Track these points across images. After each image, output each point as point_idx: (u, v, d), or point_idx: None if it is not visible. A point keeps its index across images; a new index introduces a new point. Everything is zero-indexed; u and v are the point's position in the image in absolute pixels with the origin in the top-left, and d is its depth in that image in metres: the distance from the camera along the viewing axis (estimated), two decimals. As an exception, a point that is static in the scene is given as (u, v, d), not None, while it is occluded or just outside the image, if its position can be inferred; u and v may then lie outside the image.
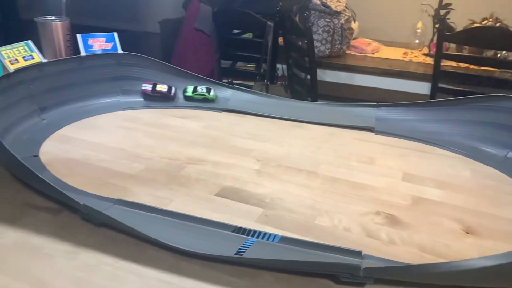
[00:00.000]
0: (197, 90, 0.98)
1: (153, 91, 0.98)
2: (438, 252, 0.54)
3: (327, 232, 0.57)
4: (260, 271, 0.50)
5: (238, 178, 0.70)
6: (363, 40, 2.25)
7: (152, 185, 0.67)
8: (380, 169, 0.75)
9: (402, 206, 0.64)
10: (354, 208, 0.63)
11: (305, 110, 0.97)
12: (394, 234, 0.57)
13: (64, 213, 0.60)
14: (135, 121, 0.91)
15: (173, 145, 0.81)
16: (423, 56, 2.10)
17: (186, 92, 0.99)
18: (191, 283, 0.48)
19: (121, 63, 1.01)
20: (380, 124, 0.90)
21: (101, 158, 0.75)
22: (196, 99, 0.99)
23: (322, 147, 0.83)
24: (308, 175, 0.72)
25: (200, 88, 0.98)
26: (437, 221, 0.60)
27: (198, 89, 0.98)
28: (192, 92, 0.98)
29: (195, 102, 0.99)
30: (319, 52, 1.99)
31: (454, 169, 0.75)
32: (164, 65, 1.02)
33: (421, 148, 0.83)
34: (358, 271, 0.45)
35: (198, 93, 0.97)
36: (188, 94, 0.99)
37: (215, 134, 0.87)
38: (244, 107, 0.98)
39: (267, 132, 0.89)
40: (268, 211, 0.62)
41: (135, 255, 0.52)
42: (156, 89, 0.97)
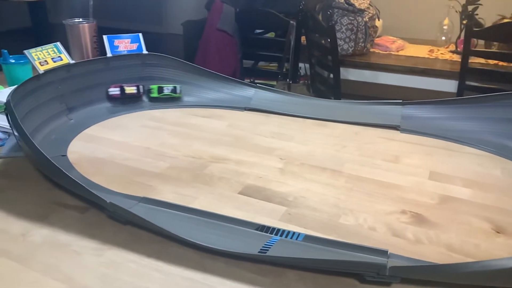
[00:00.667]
0: (163, 91, 0.95)
1: (122, 94, 0.94)
2: (467, 252, 0.52)
3: (352, 231, 0.57)
4: (284, 269, 0.50)
5: (261, 177, 0.70)
6: (387, 38, 2.22)
7: (177, 183, 0.68)
8: (406, 168, 0.73)
9: (429, 205, 0.62)
10: (379, 207, 0.62)
11: (329, 109, 0.96)
12: (421, 233, 0.56)
13: (91, 211, 0.62)
14: (159, 120, 0.93)
15: (197, 144, 0.82)
16: (450, 53, 2.04)
17: (151, 93, 0.96)
18: (216, 280, 0.49)
19: (146, 64, 1.03)
20: (406, 122, 0.88)
21: (126, 157, 0.77)
22: (163, 99, 0.97)
23: (347, 145, 0.82)
24: (332, 174, 0.72)
25: (166, 89, 0.95)
26: (466, 220, 0.58)
27: (164, 90, 0.95)
28: (158, 93, 0.95)
29: (162, 102, 0.98)
30: (342, 51, 1.97)
31: (483, 167, 0.73)
32: (189, 65, 1.03)
33: (448, 147, 0.80)
34: (385, 270, 0.44)
35: (164, 94, 0.94)
36: (154, 95, 0.96)
37: (238, 133, 0.87)
38: (267, 106, 0.98)
39: (290, 130, 0.89)
40: (291, 210, 0.61)
41: (160, 253, 0.53)
42: (125, 92, 0.94)
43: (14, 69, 1.08)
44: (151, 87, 0.97)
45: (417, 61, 1.93)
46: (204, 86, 1.02)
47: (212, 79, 1.02)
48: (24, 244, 0.54)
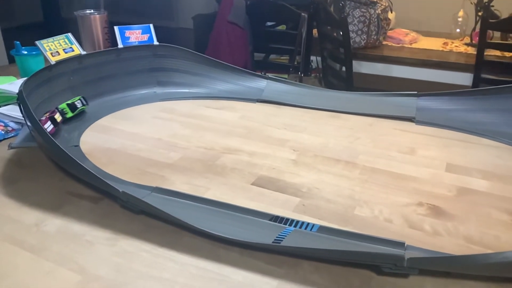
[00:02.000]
0: (76, 107, 0.84)
1: (55, 124, 0.79)
2: (487, 243, 0.51)
3: (367, 222, 0.55)
4: (299, 260, 0.49)
5: (274, 168, 0.70)
6: (400, 30, 2.18)
7: (189, 174, 0.68)
8: (422, 160, 0.72)
9: (446, 197, 0.61)
10: (395, 199, 0.60)
11: (342, 100, 0.95)
12: (439, 225, 0.54)
13: (104, 201, 0.61)
14: (171, 111, 0.92)
15: (209, 135, 0.82)
16: (465, 46, 2.00)
17: (66, 114, 0.83)
18: (230, 270, 0.48)
19: (157, 55, 1.02)
20: (421, 114, 0.86)
21: (138, 147, 0.76)
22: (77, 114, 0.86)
23: (361, 137, 0.81)
24: (346, 166, 0.71)
25: (77, 103, 0.85)
26: (485, 212, 0.57)
27: (76, 105, 0.85)
28: (72, 111, 0.84)
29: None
30: (354, 43, 1.94)
31: (502, 159, 0.71)
32: (200, 56, 1.02)
33: (465, 138, 0.79)
34: (403, 262, 0.43)
35: (78, 109, 0.84)
36: (69, 115, 0.84)
37: (250, 124, 0.86)
38: (279, 97, 0.97)
39: (303, 122, 0.88)
40: (305, 201, 0.61)
41: (173, 242, 0.53)
42: (57, 121, 0.80)
43: (26, 60, 1.08)
44: (62, 108, 0.83)
45: (431, 54, 1.89)
46: (215, 77, 1.01)
47: (224, 70, 1.01)
48: (38, 234, 0.54)
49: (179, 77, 1.03)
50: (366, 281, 0.46)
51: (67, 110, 0.84)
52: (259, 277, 0.47)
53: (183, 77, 1.03)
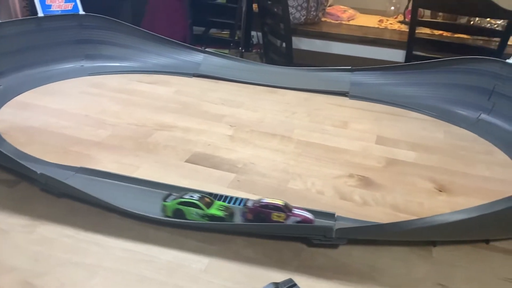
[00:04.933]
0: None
1: None
2: (412, 210, 0.53)
3: (300, 195, 0.56)
4: (231, 236, 0.49)
5: (209, 144, 0.68)
6: (338, 7, 2.21)
7: (118, 152, 0.64)
8: (354, 133, 0.73)
9: (375, 168, 0.63)
10: (327, 172, 0.61)
11: (279, 75, 0.94)
12: (368, 195, 0.56)
13: (21, 185, 0.56)
14: (100, 86, 0.86)
15: (140, 111, 0.78)
16: (398, 24, 2.08)
17: None
18: (159, 250, 0.46)
19: (84, 26, 0.95)
20: (354, 88, 0.88)
21: (63, 125, 0.71)
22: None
23: (297, 112, 0.81)
24: (282, 140, 0.70)
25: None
26: (411, 181, 0.60)
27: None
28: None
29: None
30: (294, 19, 1.94)
31: (427, 131, 0.74)
32: (132, 28, 0.97)
33: (395, 112, 0.82)
34: (331, 233, 0.44)
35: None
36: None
37: (185, 99, 0.83)
38: (216, 72, 0.94)
39: (240, 97, 0.86)
40: (240, 176, 0.60)
41: (98, 225, 0.49)
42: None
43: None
44: None
45: (367, 31, 1.94)
46: (149, 50, 0.96)
47: (158, 43, 0.96)
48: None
49: (109, 50, 0.97)
50: (297, 253, 0.46)
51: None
52: (190, 255, 0.46)
53: (114, 50, 0.97)
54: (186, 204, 0.49)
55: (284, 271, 0.44)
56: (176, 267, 0.44)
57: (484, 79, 0.79)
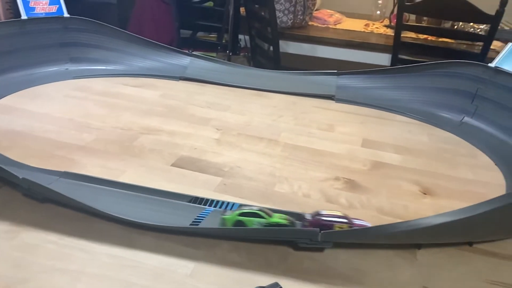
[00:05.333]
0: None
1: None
2: (397, 213, 0.54)
3: (287, 198, 0.56)
4: (218, 241, 0.48)
5: (196, 148, 0.68)
6: (325, 11, 2.23)
7: (103, 156, 0.63)
8: (340, 136, 0.74)
9: (361, 171, 0.63)
10: (313, 175, 0.62)
11: (266, 79, 0.95)
12: (354, 198, 0.56)
13: (3, 190, 0.55)
14: (85, 90, 0.85)
15: (126, 114, 0.77)
16: (384, 28, 2.10)
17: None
18: (144, 256, 0.46)
19: (69, 28, 0.94)
20: (340, 92, 0.89)
21: (46, 129, 0.70)
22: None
23: (283, 115, 0.81)
24: (268, 143, 0.71)
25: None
26: (396, 184, 0.60)
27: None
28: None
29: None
30: (281, 23, 1.95)
31: (412, 134, 0.75)
32: (117, 31, 0.96)
33: (380, 115, 0.82)
34: (317, 236, 0.44)
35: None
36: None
37: (172, 103, 0.83)
38: (203, 75, 0.94)
39: (227, 101, 0.86)
40: (227, 180, 0.59)
41: (83, 231, 0.49)
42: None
43: None
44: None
45: (354, 35, 1.96)
46: (134, 53, 0.96)
47: (144, 46, 0.96)
48: None
49: (94, 53, 0.96)
50: (284, 257, 0.46)
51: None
52: (176, 260, 0.45)
53: (99, 53, 0.96)
54: (247, 215, 0.47)
55: (270, 275, 0.44)
56: (162, 272, 0.44)
57: (467, 83, 0.80)
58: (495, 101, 0.76)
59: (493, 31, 1.55)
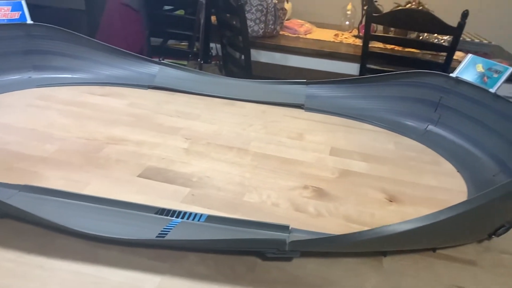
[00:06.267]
0: None
1: None
2: (364, 221, 0.54)
3: (256, 208, 0.56)
4: (184, 253, 0.48)
5: (164, 158, 0.66)
6: (296, 21, 2.26)
7: (66, 168, 0.61)
8: (309, 145, 0.74)
9: (329, 179, 0.64)
10: (282, 183, 0.62)
11: (236, 88, 0.95)
12: (322, 206, 0.57)
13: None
14: (48, 99, 0.83)
15: (91, 124, 0.75)
16: (353, 38, 2.15)
17: None
18: (109, 271, 0.44)
19: (32, 35, 0.91)
20: (309, 101, 0.90)
21: (6, 140, 0.67)
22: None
23: (253, 124, 0.81)
24: (238, 153, 0.70)
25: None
26: (363, 191, 0.61)
27: None
28: None
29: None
30: (253, 32, 1.96)
31: (379, 142, 0.77)
32: (83, 39, 0.93)
33: (348, 124, 0.84)
34: (284, 246, 0.44)
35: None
36: None
37: (139, 112, 0.82)
38: (172, 84, 0.93)
39: (197, 109, 0.86)
40: (195, 191, 0.59)
41: (43, 247, 0.47)
42: None
43: None
44: None
45: (324, 45, 2.00)
46: (101, 61, 0.94)
47: (111, 54, 0.94)
48: None
49: (59, 61, 0.93)
50: (252, 267, 0.46)
51: None
52: (141, 275, 0.44)
53: (64, 61, 0.93)
54: None
55: (238, 286, 0.43)
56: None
57: (431, 92, 0.83)
58: (457, 109, 0.79)
59: (455, 42, 1.62)
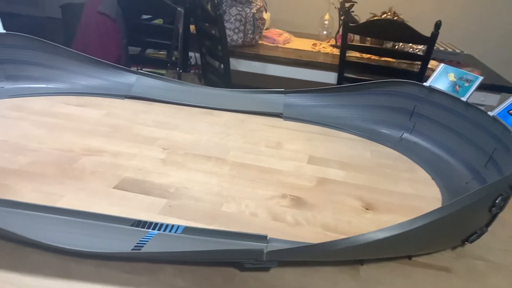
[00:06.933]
0: None
1: None
2: (341, 229, 0.55)
3: (234, 218, 0.56)
4: (161, 265, 0.47)
5: (140, 169, 0.66)
6: (275, 30, 2.28)
7: (40, 180, 0.60)
8: (287, 153, 0.75)
9: (307, 187, 0.64)
10: (261, 193, 0.62)
11: (215, 97, 0.94)
12: (300, 215, 0.57)
13: None
14: (22, 109, 0.81)
15: (67, 135, 0.73)
16: (331, 47, 2.19)
17: None
18: (83, 286, 0.43)
19: (5, 44, 0.89)
20: (288, 110, 0.91)
21: (-24, 152, 0.65)
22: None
23: (232, 133, 0.81)
24: (216, 162, 0.70)
25: None
26: (340, 200, 0.62)
27: None
28: None
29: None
30: (232, 41, 1.97)
31: (355, 150, 0.78)
32: (59, 48, 0.92)
33: (326, 132, 0.85)
34: (262, 256, 0.43)
35: None
36: None
37: (116, 122, 0.80)
38: (150, 93, 0.92)
39: (175, 119, 0.85)
40: (172, 202, 0.58)
41: (14, 263, 0.45)
42: None
43: None
44: None
45: (302, 54, 2.02)
46: (77, 71, 0.92)
47: (87, 63, 0.93)
48: None
49: (33, 71, 0.91)
50: (230, 278, 0.46)
51: None
52: (116, 288, 0.43)
53: (38, 71, 0.91)
54: None
55: (215, 298, 0.43)
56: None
57: (405, 101, 0.84)
58: (431, 118, 0.81)
59: (429, 51, 1.66)
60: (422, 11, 2.56)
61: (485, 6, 2.64)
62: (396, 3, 2.28)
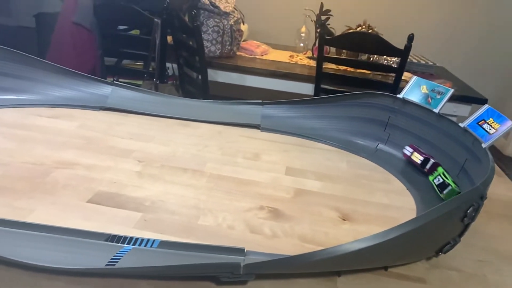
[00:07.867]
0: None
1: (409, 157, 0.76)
2: (318, 240, 0.55)
3: (211, 231, 0.55)
4: (136, 281, 0.46)
5: (115, 182, 0.64)
6: (252, 42, 2.30)
7: (9, 195, 0.58)
8: (264, 165, 0.75)
9: (284, 199, 0.64)
10: (238, 205, 0.61)
11: (192, 108, 0.94)
12: (277, 227, 0.57)
13: None
14: (-9, 122, 0.78)
15: (38, 148, 0.71)
16: (307, 59, 2.22)
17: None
18: (53, 304, 0.42)
19: (-26, 55, 0.86)
20: (265, 121, 0.91)
21: None
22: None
23: (209, 145, 0.81)
24: (193, 174, 0.69)
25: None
26: (317, 211, 0.62)
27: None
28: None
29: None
30: (209, 52, 1.98)
31: (332, 161, 0.79)
32: (31, 59, 0.90)
33: (302, 143, 0.85)
34: (239, 269, 0.43)
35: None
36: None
37: (90, 134, 0.79)
38: (125, 105, 0.91)
39: (151, 131, 0.84)
40: (147, 215, 0.57)
41: (-20, 279, 0.44)
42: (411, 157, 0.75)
43: None
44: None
45: (279, 66, 2.04)
46: (50, 82, 0.90)
47: (60, 74, 0.91)
48: None
49: (3, 82, 0.89)
50: (206, 293, 0.45)
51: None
52: (88, 306, 0.42)
53: (9, 82, 0.89)
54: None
55: (192, 314, 0.42)
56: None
57: (380, 112, 0.86)
58: (404, 128, 0.83)
59: (403, 63, 1.71)
60: (396, 24, 2.64)
61: (456, 20, 2.74)
62: (370, 17, 2.34)
